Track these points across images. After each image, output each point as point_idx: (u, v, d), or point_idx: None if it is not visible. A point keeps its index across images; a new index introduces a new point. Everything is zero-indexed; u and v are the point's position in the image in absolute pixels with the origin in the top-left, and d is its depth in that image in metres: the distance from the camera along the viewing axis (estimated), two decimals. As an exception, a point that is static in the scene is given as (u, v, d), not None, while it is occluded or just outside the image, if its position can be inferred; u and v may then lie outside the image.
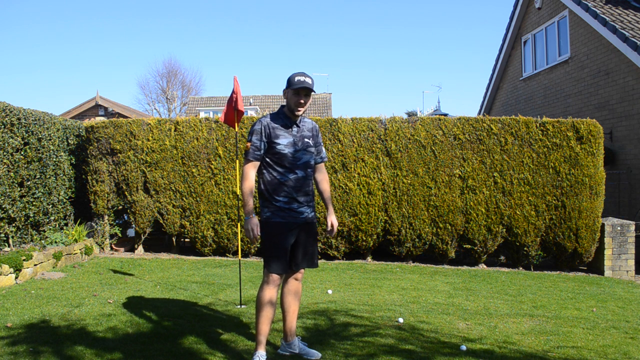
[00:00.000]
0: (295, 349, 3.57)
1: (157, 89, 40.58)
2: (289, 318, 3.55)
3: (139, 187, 7.99)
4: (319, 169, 3.71)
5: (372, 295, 5.62)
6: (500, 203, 7.73)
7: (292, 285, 3.54)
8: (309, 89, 3.37)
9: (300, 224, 3.44)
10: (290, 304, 3.55)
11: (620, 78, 9.90)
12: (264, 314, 3.34)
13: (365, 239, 7.85)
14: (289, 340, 3.58)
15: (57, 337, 3.86)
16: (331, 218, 3.66)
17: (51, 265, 6.57)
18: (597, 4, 10.74)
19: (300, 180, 3.43)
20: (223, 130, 7.96)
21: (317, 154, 3.64)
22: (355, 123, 7.93)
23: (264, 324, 3.35)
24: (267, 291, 3.34)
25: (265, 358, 3.36)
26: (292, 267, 3.47)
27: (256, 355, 3.33)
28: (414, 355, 3.61)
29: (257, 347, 3.37)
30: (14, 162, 6.49)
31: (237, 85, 5.05)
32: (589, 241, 7.73)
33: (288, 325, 3.56)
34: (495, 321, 4.64)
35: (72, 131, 8.14)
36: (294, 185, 3.40)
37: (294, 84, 3.36)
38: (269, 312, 3.34)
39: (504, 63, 14.93)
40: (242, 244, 7.93)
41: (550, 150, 7.77)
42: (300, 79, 3.36)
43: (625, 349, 3.95)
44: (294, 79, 3.38)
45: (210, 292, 5.54)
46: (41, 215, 7.10)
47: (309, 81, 3.37)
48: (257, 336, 3.38)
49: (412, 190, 7.77)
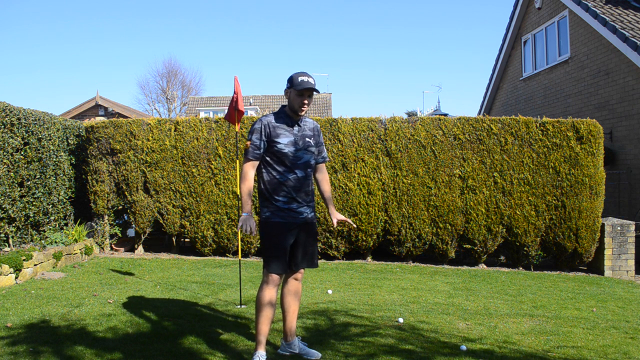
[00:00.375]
0: (295, 349, 3.57)
1: (157, 89, 40.63)
2: (288, 318, 3.56)
3: (139, 187, 7.99)
4: (320, 169, 3.71)
5: (372, 295, 5.62)
6: (500, 203, 7.74)
7: (292, 285, 3.55)
8: (312, 89, 3.37)
9: (299, 224, 3.44)
10: (290, 304, 3.55)
11: (620, 78, 9.90)
12: (263, 314, 3.34)
13: (365, 239, 7.85)
14: (289, 340, 3.58)
15: (57, 337, 3.86)
16: (335, 215, 3.67)
17: (51, 265, 6.57)
18: (597, 4, 10.74)
19: (300, 180, 3.43)
20: (223, 130, 7.96)
21: (318, 154, 3.64)
22: (355, 123, 7.94)
23: (263, 324, 3.35)
24: (267, 291, 3.34)
25: (265, 358, 3.36)
26: (292, 267, 3.47)
27: (256, 355, 3.33)
28: (414, 355, 3.61)
29: (257, 347, 3.37)
30: (14, 162, 6.49)
31: (238, 85, 5.06)
32: (589, 241, 7.73)
33: (288, 325, 3.56)
34: (495, 321, 4.64)
35: (72, 131, 8.14)
36: (293, 185, 3.40)
37: (297, 84, 3.35)
38: (269, 312, 3.34)
39: (504, 63, 14.93)
40: (242, 244, 7.93)
41: (550, 150, 7.77)
42: (304, 79, 3.36)
43: (625, 349, 3.95)
44: (297, 79, 3.37)
45: (210, 292, 5.54)
46: (41, 215, 7.10)
47: (312, 81, 3.37)
48: (257, 336, 3.38)
49: (412, 190, 7.77)
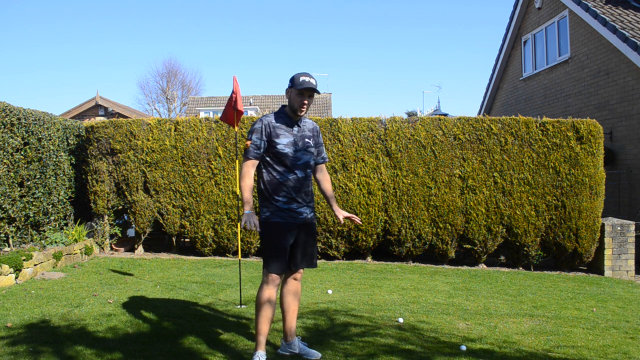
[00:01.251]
0: (295, 349, 3.57)
1: (157, 89, 40.63)
2: (288, 318, 3.56)
3: (139, 187, 7.99)
4: (320, 169, 3.71)
5: (372, 295, 5.62)
6: (500, 203, 7.73)
7: (292, 286, 3.55)
8: (313, 90, 3.38)
9: (299, 224, 3.44)
10: (289, 304, 3.55)
11: (620, 78, 9.90)
12: (263, 314, 3.34)
13: (365, 239, 7.85)
14: (289, 340, 3.58)
15: (57, 337, 3.86)
16: (340, 212, 3.63)
17: (51, 265, 6.57)
18: (597, 4, 10.73)
19: (300, 181, 3.43)
20: (223, 130, 7.96)
21: (318, 154, 3.64)
22: (355, 123, 7.93)
23: (263, 323, 3.35)
24: (267, 291, 3.34)
25: (265, 358, 3.36)
26: (292, 267, 3.47)
27: (256, 356, 3.33)
28: (414, 355, 3.61)
29: (257, 347, 3.37)
30: (14, 162, 6.49)
31: (237, 85, 5.06)
32: (589, 241, 7.73)
33: (288, 325, 3.56)
34: (495, 321, 4.64)
35: (72, 131, 8.14)
36: (293, 185, 3.40)
37: (298, 84, 3.36)
38: (269, 312, 3.34)
39: (504, 63, 14.93)
40: (242, 244, 7.93)
41: (550, 150, 7.77)
42: (305, 79, 3.36)
43: (625, 349, 3.95)
44: (298, 79, 3.37)
45: (210, 292, 5.54)
46: (41, 215, 7.10)
47: (314, 82, 3.38)
48: (257, 336, 3.38)
49: (412, 190, 7.77)
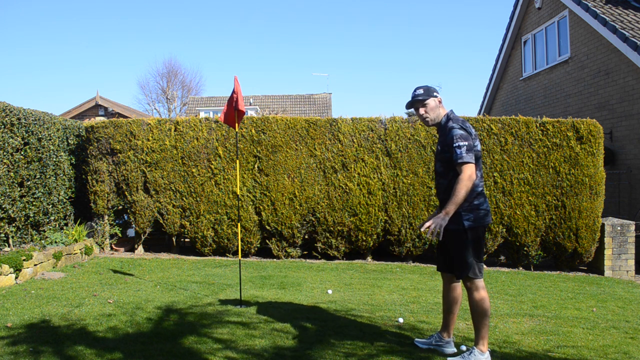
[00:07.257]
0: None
1: (157, 89, 40.74)
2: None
3: (139, 187, 7.99)
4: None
5: (372, 295, 5.62)
6: (500, 203, 7.73)
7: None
8: (413, 103, 3.55)
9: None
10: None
11: (620, 78, 9.90)
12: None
13: (365, 239, 7.85)
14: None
15: (57, 337, 3.86)
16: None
17: (51, 265, 6.57)
18: (597, 4, 10.73)
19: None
20: (223, 130, 7.96)
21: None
22: (355, 123, 7.93)
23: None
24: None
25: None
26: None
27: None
28: (414, 355, 3.61)
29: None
30: (14, 162, 6.49)
31: (238, 85, 5.06)
32: (589, 241, 7.73)
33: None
34: (495, 321, 4.64)
35: (72, 131, 8.14)
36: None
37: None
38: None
39: (504, 63, 14.93)
40: (242, 244, 7.93)
41: (550, 150, 7.77)
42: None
43: (625, 349, 3.95)
44: None
45: (210, 292, 5.54)
46: (41, 215, 7.10)
47: (412, 95, 3.55)
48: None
49: (412, 190, 7.77)
